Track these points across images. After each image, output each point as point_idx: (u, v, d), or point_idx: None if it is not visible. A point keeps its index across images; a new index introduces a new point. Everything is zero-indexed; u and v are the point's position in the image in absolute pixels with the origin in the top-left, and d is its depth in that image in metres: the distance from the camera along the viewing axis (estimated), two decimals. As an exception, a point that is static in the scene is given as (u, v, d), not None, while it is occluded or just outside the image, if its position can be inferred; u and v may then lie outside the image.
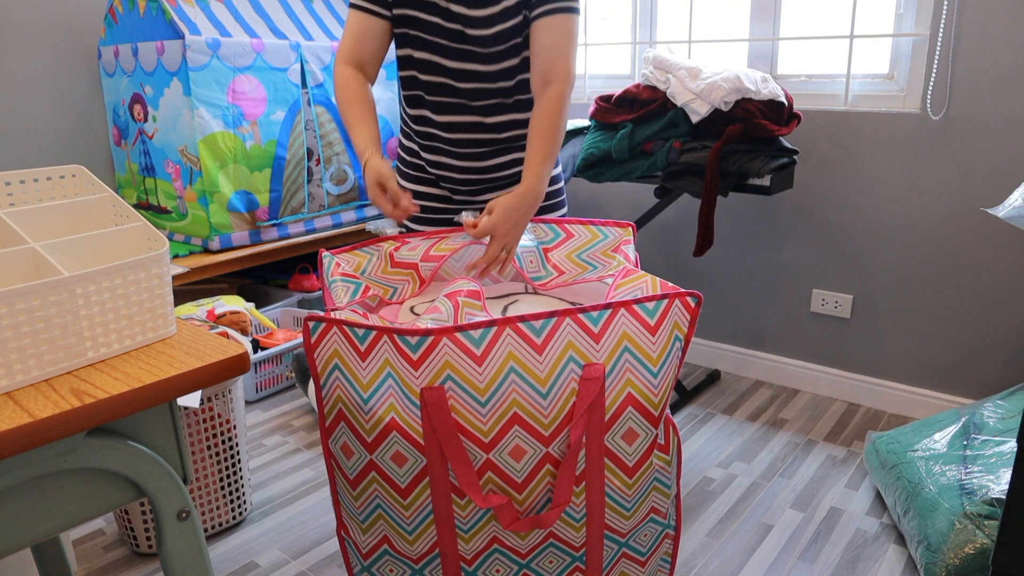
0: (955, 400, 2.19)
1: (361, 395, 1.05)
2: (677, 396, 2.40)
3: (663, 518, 1.19)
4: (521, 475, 1.06)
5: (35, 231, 0.98)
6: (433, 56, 1.42)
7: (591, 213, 2.79)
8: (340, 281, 1.26)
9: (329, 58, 2.79)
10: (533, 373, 1.04)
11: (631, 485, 1.12)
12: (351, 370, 1.06)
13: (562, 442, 1.06)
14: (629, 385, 1.07)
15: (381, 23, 1.43)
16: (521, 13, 1.38)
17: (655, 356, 1.08)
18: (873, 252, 2.23)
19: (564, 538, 1.12)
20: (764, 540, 1.69)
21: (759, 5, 2.31)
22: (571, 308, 1.05)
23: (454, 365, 1.02)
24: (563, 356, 1.05)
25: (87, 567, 1.65)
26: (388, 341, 1.03)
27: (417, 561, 1.12)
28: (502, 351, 1.03)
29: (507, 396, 1.03)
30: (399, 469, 1.06)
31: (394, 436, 1.05)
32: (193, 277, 2.45)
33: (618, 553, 1.18)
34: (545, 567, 1.15)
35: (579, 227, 1.41)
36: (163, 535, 0.89)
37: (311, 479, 1.98)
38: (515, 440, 1.05)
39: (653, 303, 1.08)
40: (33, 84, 2.67)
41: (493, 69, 1.42)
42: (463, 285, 1.17)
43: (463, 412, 1.04)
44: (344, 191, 2.91)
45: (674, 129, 2.04)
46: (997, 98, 1.94)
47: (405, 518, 1.09)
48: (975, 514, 1.44)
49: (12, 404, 0.76)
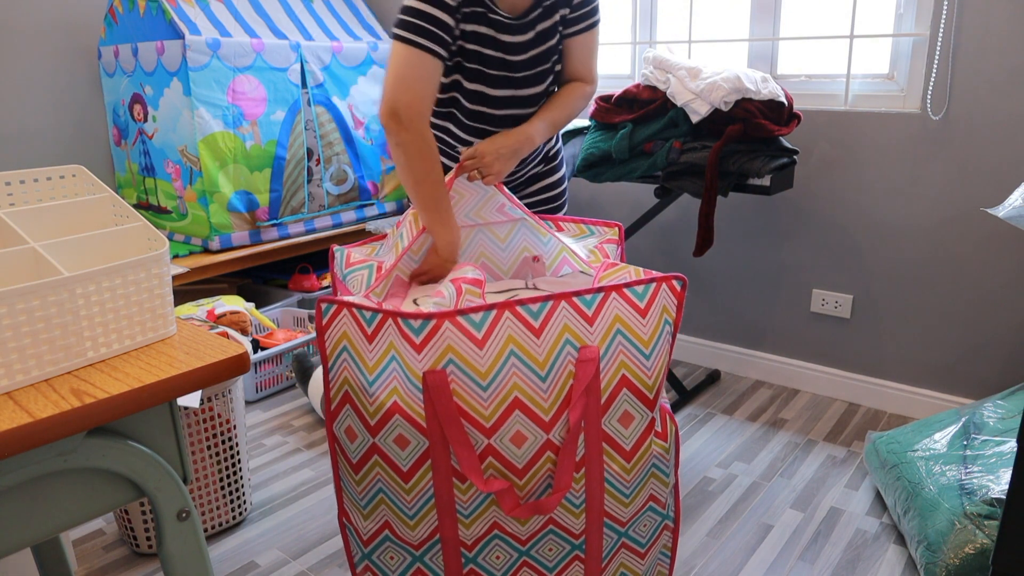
0: (955, 400, 2.19)
1: (367, 377, 1.08)
2: (677, 396, 2.40)
3: (662, 508, 1.20)
4: (522, 461, 1.08)
5: (35, 231, 0.98)
6: (483, 87, 1.46)
7: (591, 213, 2.79)
8: (357, 269, 1.29)
9: (329, 58, 2.79)
10: (532, 356, 1.07)
11: (630, 470, 1.14)
12: (358, 352, 1.08)
13: (562, 427, 1.08)
14: (623, 367, 1.11)
15: (443, 64, 1.35)
16: (555, 35, 1.45)
17: (646, 338, 1.12)
18: (873, 252, 2.23)
19: (564, 524, 1.13)
20: (764, 540, 1.69)
21: (759, 5, 2.31)
22: (566, 292, 1.09)
23: (456, 349, 1.05)
24: (560, 339, 1.08)
25: (87, 567, 1.65)
26: (393, 324, 1.06)
27: (418, 547, 1.14)
28: (502, 335, 1.06)
29: (508, 380, 1.06)
30: (401, 452, 1.08)
31: (397, 419, 1.07)
32: (193, 277, 2.45)
33: (618, 543, 1.18)
34: (545, 555, 1.16)
35: (570, 224, 1.49)
36: (163, 535, 0.89)
37: (311, 479, 1.98)
38: (516, 426, 1.07)
39: (642, 287, 1.12)
40: (33, 84, 2.67)
41: (526, 94, 1.49)
42: (467, 272, 1.20)
43: (465, 396, 1.06)
44: (344, 191, 2.91)
45: (674, 129, 2.04)
46: (997, 98, 1.94)
47: (406, 502, 1.11)
48: (975, 514, 1.44)
49: (12, 404, 0.76)
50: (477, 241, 1.42)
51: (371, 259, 1.34)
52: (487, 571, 1.16)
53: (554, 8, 1.44)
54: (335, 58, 2.81)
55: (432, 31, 1.30)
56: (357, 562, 1.21)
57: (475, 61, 1.42)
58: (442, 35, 1.31)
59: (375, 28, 3.06)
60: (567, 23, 1.47)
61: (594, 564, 1.17)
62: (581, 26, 1.48)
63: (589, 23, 1.48)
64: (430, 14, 1.30)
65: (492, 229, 1.44)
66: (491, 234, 1.45)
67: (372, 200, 3.02)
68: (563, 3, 1.45)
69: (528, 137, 1.43)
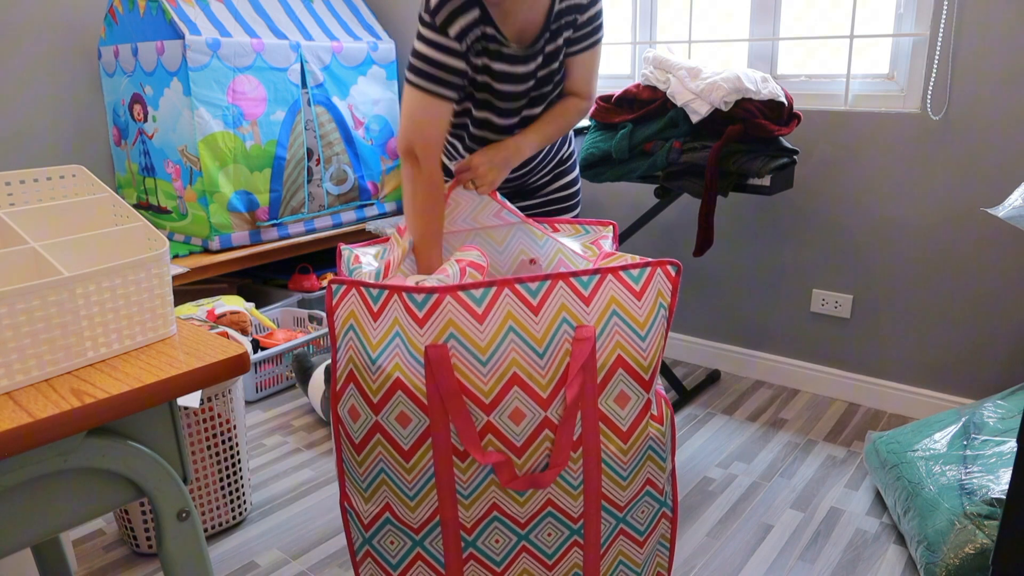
0: (955, 400, 2.19)
1: (370, 354, 1.10)
2: (677, 396, 2.40)
3: (659, 494, 1.22)
4: (520, 438, 1.11)
5: (35, 231, 0.98)
6: (490, 115, 1.51)
7: (591, 213, 2.79)
8: (363, 267, 1.33)
9: (329, 58, 2.79)
10: (530, 332, 1.09)
11: (626, 451, 1.16)
12: (363, 330, 1.11)
13: (559, 405, 1.11)
14: (619, 348, 1.13)
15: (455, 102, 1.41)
16: (560, 55, 1.47)
17: (642, 320, 1.14)
18: (873, 252, 2.23)
19: (562, 507, 1.15)
20: (764, 540, 1.69)
21: (759, 5, 2.31)
22: (563, 272, 1.12)
23: (456, 323, 1.08)
24: (557, 317, 1.10)
25: (87, 567, 1.65)
26: (398, 299, 1.09)
27: (418, 531, 1.16)
28: (501, 310, 1.09)
29: (506, 355, 1.09)
30: (403, 430, 1.11)
31: (399, 396, 1.09)
32: (193, 277, 2.45)
33: (616, 528, 1.20)
34: (544, 540, 1.17)
35: (565, 225, 1.52)
36: (163, 535, 0.89)
37: (311, 479, 1.98)
38: (515, 402, 1.10)
39: (637, 270, 1.15)
40: (33, 84, 2.67)
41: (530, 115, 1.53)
42: (470, 255, 1.24)
43: (465, 371, 1.09)
44: (344, 191, 2.91)
45: (674, 129, 2.04)
46: (997, 98, 1.94)
47: (407, 482, 1.13)
48: (975, 514, 1.44)
49: (12, 404, 0.76)
50: (475, 244, 1.43)
51: (377, 261, 1.37)
52: (487, 556, 1.17)
53: (559, 31, 1.44)
54: (335, 58, 2.81)
55: (443, 78, 1.35)
56: (358, 548, 1.22)
57: (485, 91, 1.46)
58: (453, 80, 1.36)
59: (375, 28, 3.06)
60: (571, 42, 1.48)
61: (593, 550, 1.19)
62: (584, 44, 1.49)
63: (592, 41, 1.50)
64: (441, 62, 1.34)
65: (489, 233, 1.47)
66: (488, 238, 1.47)
67: (372, 200, 3.02)
68: (568, 25, 1.45)
69: (517, 149, 1.48)
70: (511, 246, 1.48)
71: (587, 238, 1.49)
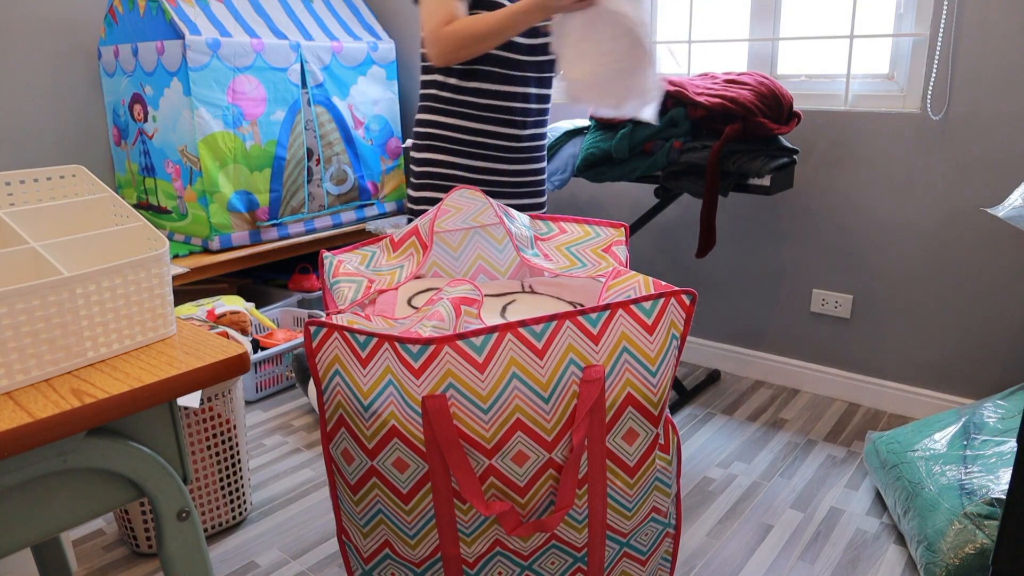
0: (955, 400, 2.19)
1: (362, 401, 1.05)
2: (677, 396, 2.40)
3: (664, 517, 1.19)
4: (524, 479, 1.06)
5: (35, 231, 0.98)
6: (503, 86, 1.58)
7: (591, 213, 2.79)
8: (343, 281, 1.25)
9: (329, 58, 2.79)
10: (535, 378, 1.03)
11: (633, 485, 1.12)
12: (352, 376, 1.05)
13: (564, 446, 1.06)
14: (629, 385, 1.07)
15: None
16: None
17: (653, 355, 1.08)
18: (873, 252, 2.23)
19: (566, 539, 1.12)
20: (764, 540, 1.69)
21: (759, 5, 2.31)
22: (570, 311, 1.05)
23: (456, 373, 1.02)
24: (564, 359, 1.04)
25: (87, 567, 1.65)
26: (389, 348, 1.02)
27: (419, 565, 1.12)
28: (504, 357, 1.03)
29: (509, 402, 1.03)
30: (400, 475, 1.06)
31: (395, 443, 1.04)
32: (193, 277, 2.45)
33: (619, 553, 1.18)
34: (547, 568, 1.15)
35: (572, 224, 1.43)
36: (163, 535, 0.89)
37: (311, 479, 1.98)
38: (518, 446, 1.04)
39: (650, 303, 1.08)
40: (33, 84, 2.67)
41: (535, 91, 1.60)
42: (461, 289, 1.17)
43: (465, 419, 1.03)
44: (344, 191, 2.91)
45: (674, 129, 2.04)
46: (997, 98, 1.94)
47: (407, 523, 1.08)
48: (975, 514, 1.44)
49: (12, 404, 0.76)
50: (474, 242, 1.42)
51: (361, 274, 1.29)
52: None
53: None
54: (335, 58, 2.81)
55: None
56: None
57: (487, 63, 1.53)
58: None
59: (375, 28, 3.06)
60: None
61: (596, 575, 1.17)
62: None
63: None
64: None
65: (489, 231, 1.43)
66: (488, 236, 1.44)
67: (372, 200, 3.02)
68: None
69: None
70: (511, 245, 1.45)
71: (598, 242, 1.40)
